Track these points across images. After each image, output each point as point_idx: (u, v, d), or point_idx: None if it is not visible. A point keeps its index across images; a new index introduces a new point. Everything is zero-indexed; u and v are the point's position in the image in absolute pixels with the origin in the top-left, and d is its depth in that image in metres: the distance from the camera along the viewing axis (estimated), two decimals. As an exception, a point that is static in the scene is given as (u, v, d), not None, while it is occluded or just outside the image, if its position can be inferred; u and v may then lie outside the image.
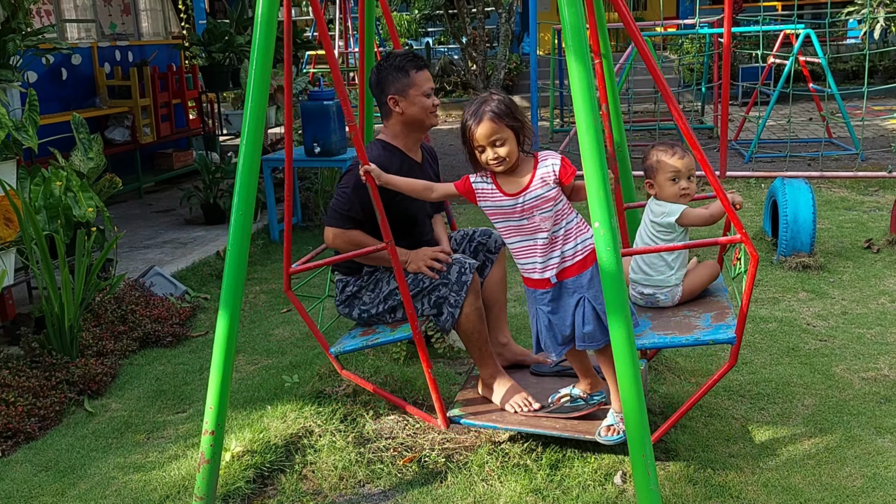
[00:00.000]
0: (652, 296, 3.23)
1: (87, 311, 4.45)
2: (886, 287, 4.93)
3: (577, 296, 2.79)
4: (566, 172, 2.75)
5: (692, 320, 3.05)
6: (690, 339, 2.86)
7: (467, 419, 3.12)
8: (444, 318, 3.15)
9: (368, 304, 3.30)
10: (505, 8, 10.21)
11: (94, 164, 5.17)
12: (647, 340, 2.91)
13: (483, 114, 2.72)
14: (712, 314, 3.08)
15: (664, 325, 3.03)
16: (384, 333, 3.20)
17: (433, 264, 3.18)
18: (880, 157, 8.63)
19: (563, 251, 2.78)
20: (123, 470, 3.22)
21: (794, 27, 8.89)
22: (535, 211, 2.75)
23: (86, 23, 9.12)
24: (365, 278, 3.31)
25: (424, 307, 3.17)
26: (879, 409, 3.44)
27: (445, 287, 3.13)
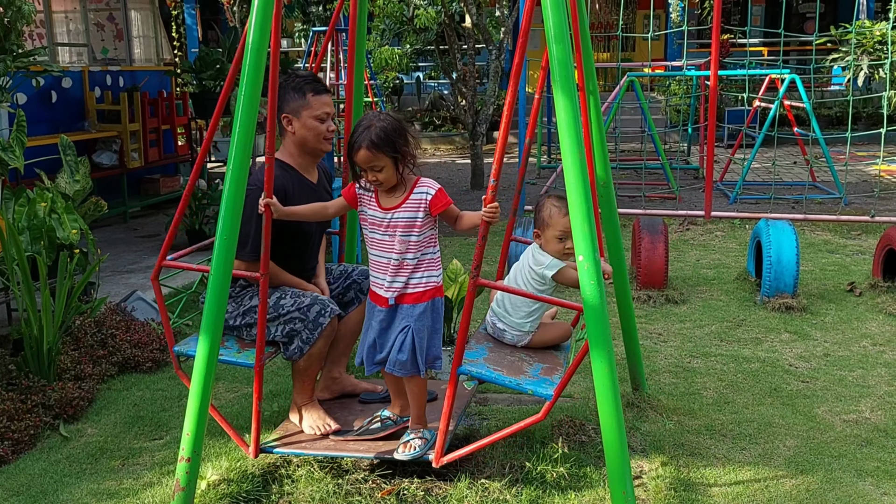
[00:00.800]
0: (502, 331, 3.33)
1: (66, 334, 4.40)
2: (868, 330, 4.95)
3: (404, 322, 2.93)
4: (438, 203, 2.90)
5: (524, 365, 3.12)
6: (513, 383, 2.92)
7: (279, 447, 3.14)
8: (292, 348, 3.18)
9: (228, 314, 3.26)
10: (495, 45, 10.33)
11: (80, 186, 5.15)
12: (475, 369, 2.97)
13: (362, 141, 2.84)
14: (543, 366, 3.13)
15: (498, 361, 3.11)
16: (230, 352, 3.20)
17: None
18: (863, 202, 8.73)
19: (409, 279, 2.93)
20: (97, 496, 3.16)
21: (780, 72, 9.05)
22: (397, 230, 2.91)
23: (78, 47, 9.16)
24: (235, 290, 3.30)
25: (276, 332, 3.18)
26: (861, 452, 3.44)
27: (301, 323, 3.15)
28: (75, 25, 9.23)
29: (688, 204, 8.92)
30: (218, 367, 2.90)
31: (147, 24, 10.31)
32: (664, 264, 5.66)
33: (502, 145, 2.70)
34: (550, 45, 2.44)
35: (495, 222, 2.75)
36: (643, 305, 5.44)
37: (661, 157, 9.69)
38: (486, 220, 2.72)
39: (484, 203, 2.71)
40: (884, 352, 4.60)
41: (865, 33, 10.44)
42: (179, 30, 15.28)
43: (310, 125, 3.24)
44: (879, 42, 10.30)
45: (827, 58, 11.74)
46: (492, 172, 2.70)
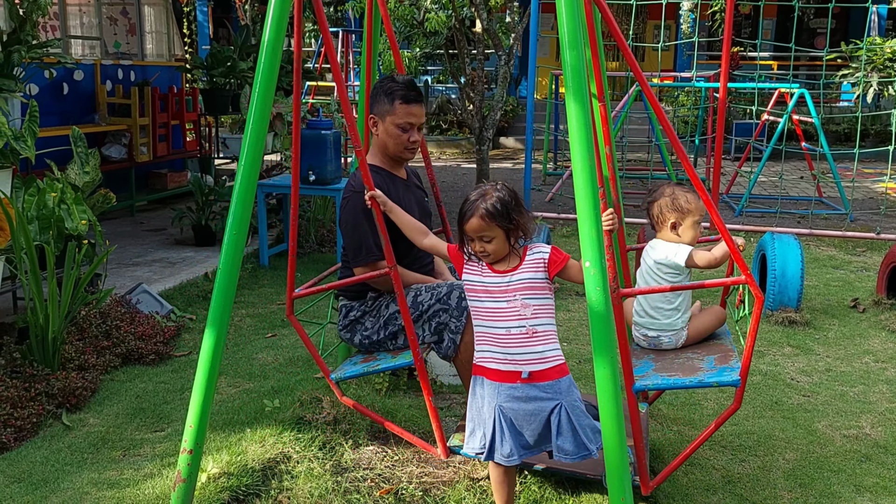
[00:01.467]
0: (656, 338, 3.21)
1: (71, 324, 4.42)
2: (871, 347, 4.96)
3: (552, 402, 2.61)
4: (556, 259, 2.66)
5: (696, 362, 3.02)
6: (694, 381, 2.81)
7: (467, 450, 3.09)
8: (445, 344, 3.09)
9: (370, 330, 3.27)
10: (505, 51, 10.35)
11: (90, 178, 5.18)
12: (650, 382, 2.86)
13: (476, 209, 2.64)
14: (716, 356, 3.05)
15: (667, 367, 3.00)
16: (385, 360, 3.17)
17: None
18: (869, 219, 8.73)
19: (541, 350, 2.62)
20: (97, 486, 3.17)
21: (790, 86, 9.06)
22: (519, 294, 2.63)
23: (90, 40, 9.20)
24: (369, 303, 3.28)
25: (425, 334, 3.12)
26: (860, 468, 3.44)
27: (445, 313, 3.07)
28: (89, 19, 9.27)
29: (693, 215, 8.91)
30: (222, 361, 2.91)
31: (160, 19, 10.36)
32: (668, 274, 5.66)
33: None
34: (564, 51, 2.46)
35: (615, 230, 2.67)
36: (646, 314, 5.44)
37: (668, 168, 9.70)
38: (606, 229, 2.58)
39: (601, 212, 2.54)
40: (885, 369, 4.60)
41: (876, 50, 10.44)
42: (191, 26, 15.33)
43: (391, 132, 3.22)
44: (890, 59, 10.30)
45: (837, 73, 11.74)
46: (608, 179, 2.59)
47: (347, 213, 3.19)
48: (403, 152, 3.28)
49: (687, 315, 3.22)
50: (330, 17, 15.39)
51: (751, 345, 2.74)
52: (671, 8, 13.00)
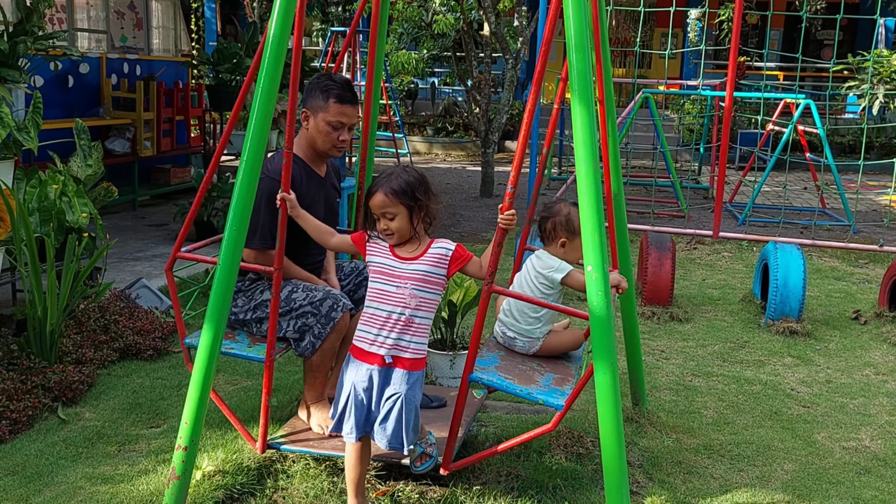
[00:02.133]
0: (512, 339, 3.31)
1: (70, 317, 4.40)
2: (872, 359, 4.93)
3: (394, 388, 2.73)
4: (458, 256, 2.76)
5: (535, 375, 3.10)
6: (524, 392, 2.90)
7: (286, 444, 3.13)
8: (304, 344, 3.17)
9: (239, 308, 3.27)
10: (512, 55, 10.34)
11: (93, 171, 5.17)
12: (486, 377, 2.94)
13: (381, 186, 2.74)
14: (555, 376, 3.11)
15: (508, 369, 3.09)
16: (241, 346, 3.19)
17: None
18: (872, 231, 8.71)
19: (410, 341, 2.74)
20: (91, 480, 3.16)
21: (795, 97, 9.04)
22: (411, 283, 2.73)
23: (97, 33, 9.20)
24: (246, 283, 3.29)
25: (288, 328, 3.17)
26: (859, 480, 3.42)
27: (314, 317, 3.13)
28: (96, 12, 9.27)
29: (696, 223, 8.91)
30: (220, 358, 2.89)
31: (167, 14, 10.36)
32: (670, 282, 5.65)
33: (521, 152, 2.69)
34: (570, 55, 2.44)
35: (511, 229, 2.73)
36: (647, 322, 5.42)
37: (672, 175, 9.68)
38: (502, 227, 2.69)
39: (500, 210, 2.69)
40: (886, 381, 4.58)
41: (882, 62, 10.42)
42: (198, 22, 15.34)
43: (322, 128, 3.24)
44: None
45: (843, 85, 11.73)
46: (509, 179, 2.69)
47: (256, 195, 3.20)
48: (331, 150, 3.31)
49: (547, 328, 3.32)
50: (337, 17, 15.40)
51: (582, 383, 2.74)
52: (679, 16, 12.98)
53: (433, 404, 3.47)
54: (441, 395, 3.54)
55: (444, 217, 9.17)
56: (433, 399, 3.50)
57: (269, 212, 3.12)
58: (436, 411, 3.43)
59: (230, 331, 3.30)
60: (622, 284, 3.09)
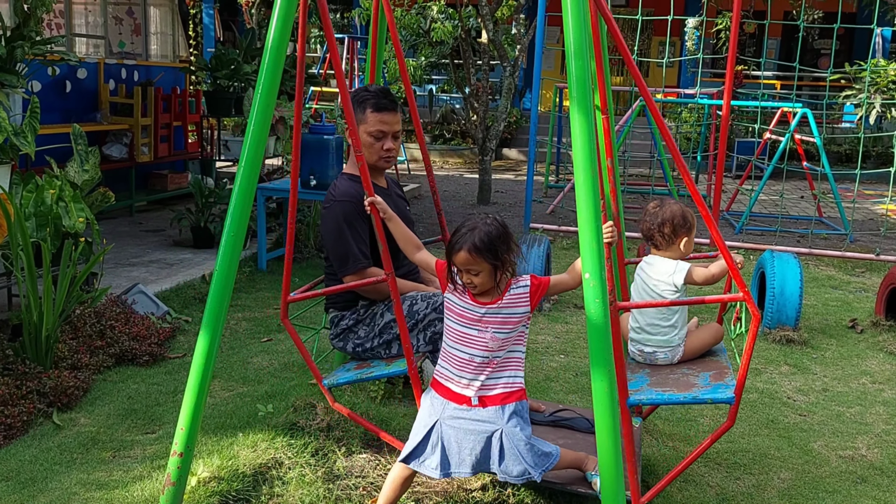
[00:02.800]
0: (652, 354, 3.20)
1: (65, 322, 4.39)
2: (868, 367, 4.93)
3: (492, 426, 2.65)
4: (536, 288, 2.69)
5: (691, 378, 3.02)
6: (689, 397, 2.81)
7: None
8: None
9: (363, 338, 3.25)
10: (510, 62, 10.36)
11: (89, 176, 5.16)
12: (645, 396, 2.85)
13: (464, 243, 2.64)
14: (711, 373, 3.04)
15: (662, 382, 2.99)
16: (379, 367, 3.16)
17: None
18: (868, 240, 8.72)
19: (497, 377, 2.68)
20: (86, 486, 3.14)
21: (792, 105, 9.06)
22: (492, 327, 2.66)
23: (95, 39, 9.20)
24: (361, 311, 3.27)
25: (420, 342, 3.12)
26: (855, 489, 3.42)
27: (441, 322, 3.05)
28: (94, 18, 9.28)
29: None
30: (216, 364, 2.89)
31: (165, 20, 10.37)
32: (667, 289, 5.65)
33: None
34: (570, 61, 2.45)
35: (614, 242, 2.66)
36: (644, 329, 5.42)
37: (669, 184, 9.70)
38: (606, 241, 2.56)
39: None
40: (883, 390, 4.58)
41: (880, 72, 10.46)
42: (197, 28, 15.35)
43: (365, 141, 3.21)
44: (893, 81, 10.32)
45: (840, 94, 11.77)
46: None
47: (329, 223, 3.18)
48: (379, 161, 3.27)
49: (684, 331, 3.22)
50: (336, 24, 15.43)
51: (746, 363, 2.72)
52: (676, 25, 13.02)
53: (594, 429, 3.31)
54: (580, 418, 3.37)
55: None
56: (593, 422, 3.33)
57: (353, 232, 3.09)
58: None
59: (362, 362, 3.26)
60: (738, 258, 2.85)
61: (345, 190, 3.16)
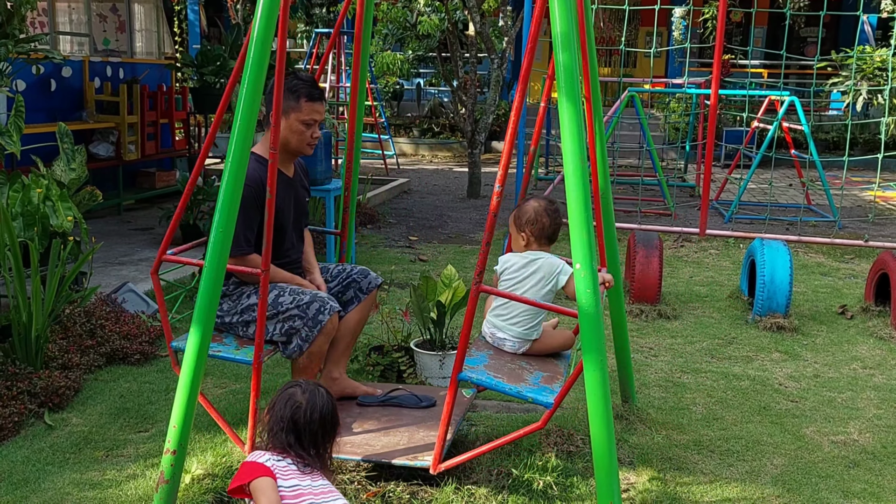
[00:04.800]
0: (502, 340, 3.29)
1: (55, 322, 4.36)
2: (859, 353, 4.96)
3: None
4: None
5: (524, 373, 3.10)
6: (514, 391, 2.89)
7: None
8: (291, 347, 3.16)
9: (225, 312, 3.26)
10: (498, 55, 10.35)
11: (76, 175, 5.13)
12: (476, 375, 2.94)
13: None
14: (544, 374, 3.11)
15: (498, 368, 3.09)
16: (228, 349, 3.17)
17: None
18: (857, 227, 8.77)
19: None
20: (79, 486, 3.13)
21: (780, 94, 9.08)
22: None
23: (79, 37, 9.13)
24: (230, 287, 3.28)
25: (275, 332, 3.16)
26: (848, 474, 3.44)
27: (301, 320, 3.13)
28: (78, 15, 9.21)
29: (683, 221, 8.94)
30: (208, 361, 2.87)
31: (150, 17, 10.30)
32: (658, 279, 5.67)
33: (508, 151, 2.69)
34: (557, 52, 2.44)
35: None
36: (635, 319, 5.43)
37: (659, 174, 9.72)
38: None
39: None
40: (873, 375, 4.61)
41: (866, 59, 10.50)
42: (182, 25, 15.26)
43: (295, 128, 3.25)
44: (879, 68, 10.36)
45: (827, 82, 11.80)
46: (497, 178, 2.65)
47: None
48: (305, 148, 3.32)
49: (540, 329, 3.30)
50: (322, 19, 15.36)
51: (571, 380, 2.75)
52: (663, 14, 13.03)
53: (422, 404, 3.46)
54: (431, 395, 3.54)
55: (432, 218, 9.17)
56: (422, 398, 3.49)
57: (244, 217, 3.09)
58: (425, 411, 3.42)
59: (217, 334, 3.28)
60: (607, 278, 3.11)
61: (250, 173, 3.13)
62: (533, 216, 3.28)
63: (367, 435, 3.20)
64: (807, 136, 8.79)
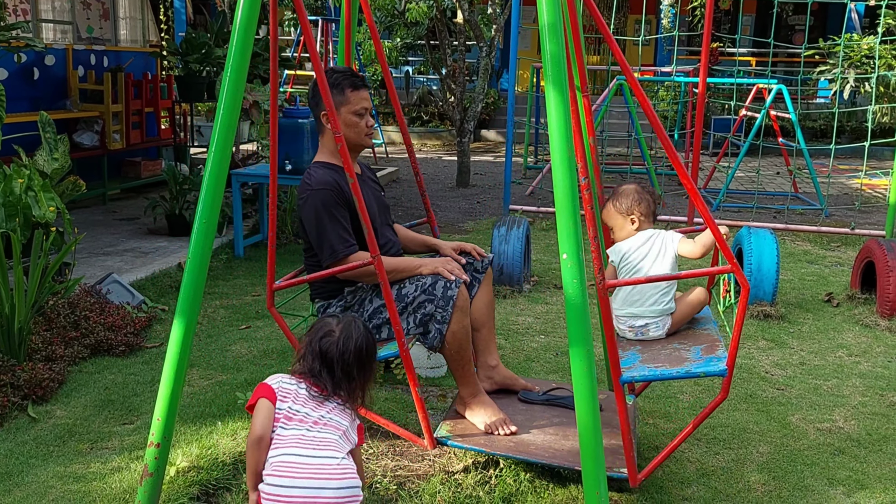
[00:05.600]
0: (644, 327, 3.22)
1: (38, 314, 4.32)
2: (844, 341, 4.98)
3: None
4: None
5: (682, 353, 3.02)
6: (682, 372, 2.81)
7: (454, 440, 3.04)
8: (431, 335, 3.05)
9: None
10: (486, 42, 10.30)
11: (59, 164, 5.07)
12: (638, 373, 2.85)
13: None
14: (702, 346, 3.05)
15: (654, 358, 3.00)
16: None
17: (453, 269, 3.11)
18: (843, 215, 8.80)
19: None
20: (63, 479, 3.10)
21: (767, 82, 9.09)
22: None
23: (62, 24, 9.02)
24: (348, 298, 3.21)
25: (410, 325, 3.07)
26: (833, 461, 3.45)
27: (431, 303, 3.02)
28: (60, 3, 9.09)
29: (671, 209, 8.95)
30: (194, 353, 2.85)
31: (134, 4, 10.19)
32: (645, 268, 5.66)
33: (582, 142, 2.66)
34: (544, 40, 2.42)
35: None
36: (623, 308, 5.43)
37: (647, 162, 9.72)
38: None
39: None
40: (859, 363, 4.63)
41: (853, 47, 10.51)
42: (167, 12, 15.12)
43: (349, 121, 3.17)
44: (866, 56, 10.38)
45: (814, 70, 11.82)
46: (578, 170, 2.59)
47: (309, 212, 3.11)
48: (364, 139, 3.26)
49: (673, 300, 3.25)
50: (309, 6, 15.25)
51: (737, 335, 2.73)
52: (652, 2, 13.00)
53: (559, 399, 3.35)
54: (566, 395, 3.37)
55: (421, 207, 9.14)
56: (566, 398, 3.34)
57: (333, 220, 3.05)
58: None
59: None
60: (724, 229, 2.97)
61: (321, 178, 3.11)
62: (638, 197, 3.31)
63: (547, 437, 3.10)
64: (794, 125, 8.80)
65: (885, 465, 3.44)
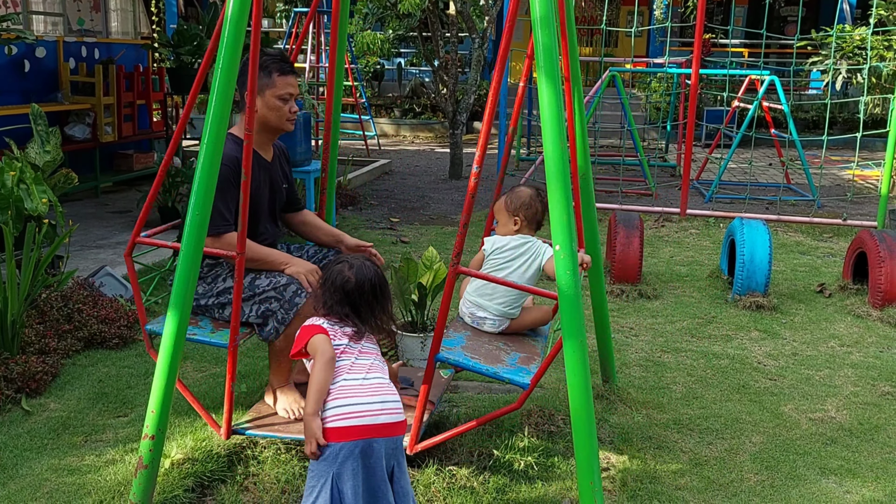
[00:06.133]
0: (482, 320, 3.30)
1: (31, 306, 4.31)
2: (836, 331, 5.01)
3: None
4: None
5: (501, 354, 3.10)
6: (490, 371, 2.90)
7: (251, 429, 3.07)
8: (267, 329, 3.13)
9: (200, 295, 3.23)
10: (479, 34, 10.28)
11: (51, 157, 5.05)
12: (453, 357, 2.94)
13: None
14: (521, 355, 3.12)
15: (475, 349, 3.09)
16: (204, 332, 3.14)
17: (313, 281, 3.14)
18: (836, 206, 8.83)
19: None
20: (57, 472, 3.10)
21: (760, 73, 9.10)
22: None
23: (53, 16, 8.97)
24: (204, 269, 3.24)
25: (251, 314, 3.13)
26: (825, 450, 3.47)
27: (277, 302, 3.10)
28: (51, -6, 9.03)
29: (664, 201, 8.97)
30: (187, 345, 2.85)
31: (126, -4, 10.12)
32: (638, 259, 5.68)
33: (486, 131, 2.67)
34: (536, 31, 2.42)
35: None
36: (616, 299, 5.45)
37: (640, 154, 9.73)
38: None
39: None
40: (851, 353, 4.65)
41: (845, 38, 10.53)
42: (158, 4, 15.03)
43: (272, 104, 3.20)
44: (858, 47, 10.40)
45: (807, 61, 11.84)
46: (475, 159, 2.66)
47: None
48: (286, 124, 3.28)
49: (520, 308, 3.33)
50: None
51: (548, 361, 2.77)
52: (644, -7, 12.99)
53: (402, 386, 3.45)
54: (408, 377, 3.53)
55: (413, 200, 9.14)
56: (400, 380, 3.48)
57: (221, 196, 3.04)
58: (403, 392, 3.41)
59: (193, 317, 3.24)
60: (586, 259, 3.14)
61: (226, 151, 3.09)
62: (528, 201, 3.37)
63: None
64: (787, 116, 8.82)
65: (877, 453, 3.47)
